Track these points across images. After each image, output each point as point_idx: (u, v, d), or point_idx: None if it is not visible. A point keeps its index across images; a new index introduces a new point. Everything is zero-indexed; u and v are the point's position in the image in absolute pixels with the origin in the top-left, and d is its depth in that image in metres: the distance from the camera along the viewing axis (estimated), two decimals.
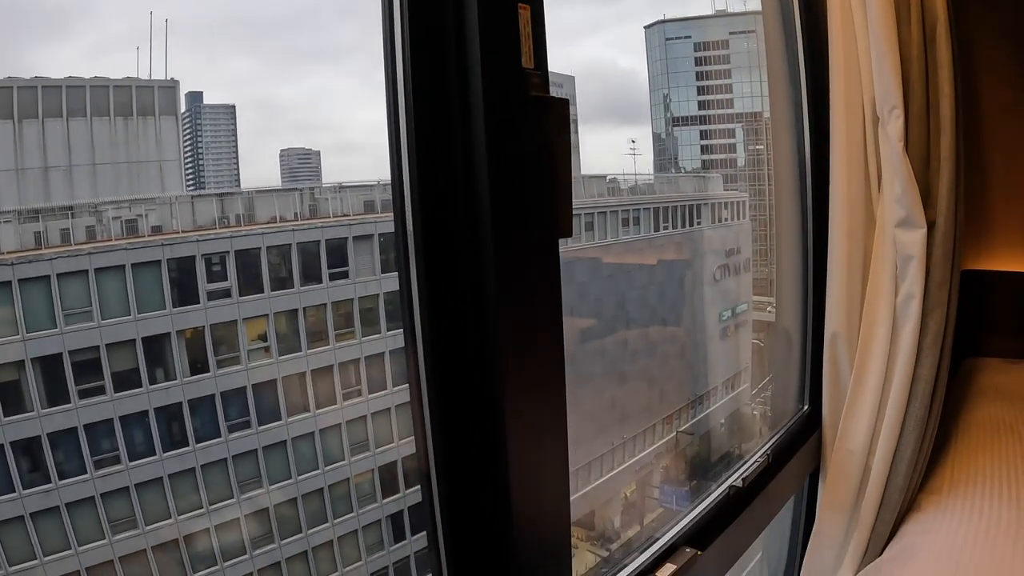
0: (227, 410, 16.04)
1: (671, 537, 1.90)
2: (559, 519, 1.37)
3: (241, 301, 15.78)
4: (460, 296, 1.26)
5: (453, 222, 1.24)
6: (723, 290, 27.09)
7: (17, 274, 13.90)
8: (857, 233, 2.77)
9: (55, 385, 14.61)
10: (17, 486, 14.41)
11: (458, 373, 1.28)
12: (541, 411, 1.32)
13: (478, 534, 1.32)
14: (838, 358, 2.79)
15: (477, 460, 1.30)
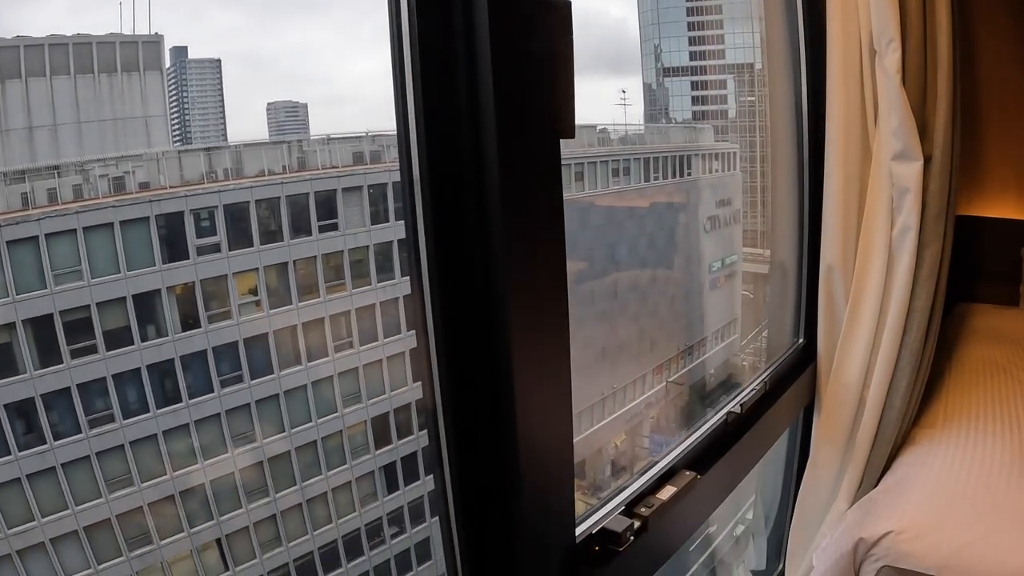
0: (219, 365, 16.05)
1: (671, 460, 1.91)
2: (563, 457, 1.38)
3: (231, 255, 15.71)
4: (467, 231, 1.24)
5: (459, 142, 1.20)
6: (713, 241, 27.07)
7: (5, 236, 13.79)
8: (853, 166, 2.75)
9: (47, 346, 14.60)
10: (12, 448, 14.44)
11: (465, 307, 1.26)
12: (545, 340, 1.31)
13: (486, 473, 1.32)
14: (833, 291, 2.78)
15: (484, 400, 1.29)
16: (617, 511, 1.64)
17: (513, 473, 1.26)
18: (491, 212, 1.14)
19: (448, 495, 1.35)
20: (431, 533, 21.50)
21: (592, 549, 1.53)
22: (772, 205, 2.99)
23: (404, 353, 19.06)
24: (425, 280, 1.26)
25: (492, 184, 1.13)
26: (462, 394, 1.28)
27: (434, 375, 1.30)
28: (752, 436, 2.25)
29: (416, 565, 21.52)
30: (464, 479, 1.31)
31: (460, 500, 1.33)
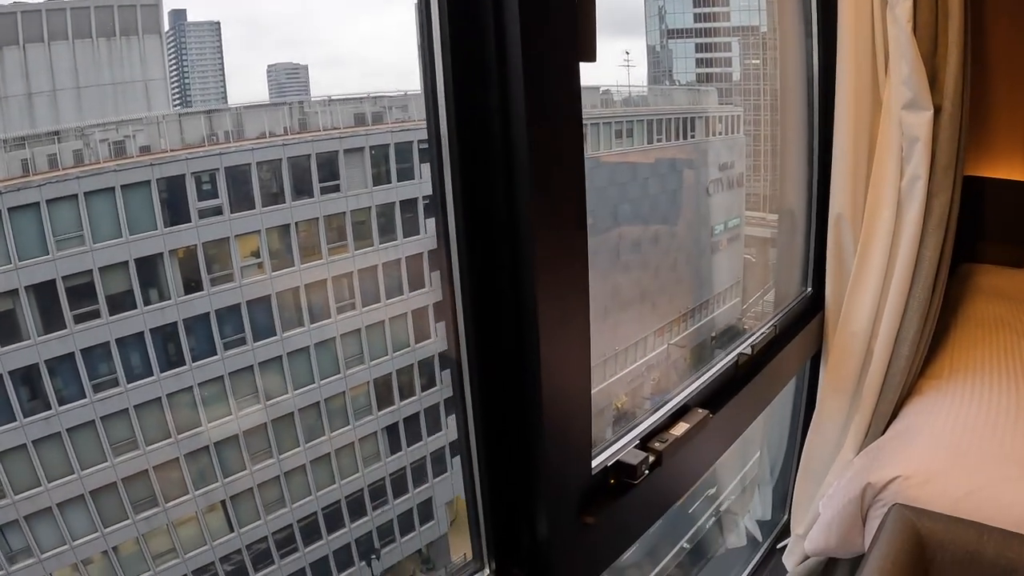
0: (222, 328, 16.11)
1: (684, 398, 1.92)
2: (582, 392, 1.39)
3: (233, 218, 15.68)
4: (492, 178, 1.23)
5: (484, 82, 1.20)
6: (716, 204, 27.02)
7: (6, 202, 13.76)
8: (863, 115, 2.74)
9: (50, 312, 14.63)
10: (17, 415, 14.51)
11: (492, 251, 1.26)
12: (567, 281, 1.32)
13: (508, 413, 1.34)
14: (842, 240, 2.78)
15: (509, 343, 1.30)
16: (632, 445, 1.65)
17: (535, 408, 1.27)
18: (516, 139, 1.14)
19: (470, 436, 1.37)
20: (433, 494, 21.70)
21: (608, 482, 1.54)
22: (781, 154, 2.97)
23: (407, 314, 19.10)
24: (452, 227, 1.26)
25: (517, 112, 1.12)
26: (486, 340, 1.29)
27: (459, 322, 1.31)
28: (761, 379, 2.26)
29: (419, 525, 21.77)
30: (488, 420, 1.32)
31: (483, 440, 1.35)
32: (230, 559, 18.30)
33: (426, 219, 18.92)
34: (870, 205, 2.77)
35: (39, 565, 14.93)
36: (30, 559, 14.87)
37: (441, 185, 1.21)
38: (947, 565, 1.77)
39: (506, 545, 1.41)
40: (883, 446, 2.68)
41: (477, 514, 1.40)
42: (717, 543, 3.60)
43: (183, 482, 16.68)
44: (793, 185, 2.92)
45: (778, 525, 3.37)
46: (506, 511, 1.39)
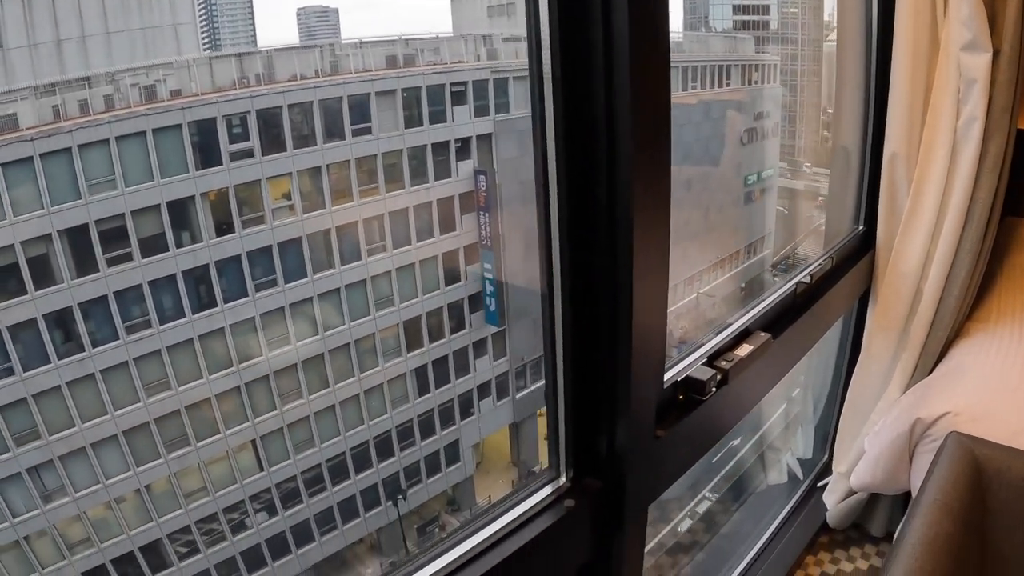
0: (253, 270, 16.21)
1: (746, 321, 1.94)
2: (660, 315, 1.42)
3: (264, 160, 15.73)
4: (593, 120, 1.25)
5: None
6: (749, 154, 26.79)
7: (38, 149, 13.89)
8: (921, 55, 2.69)
9: (83, 256, 14.80)
10: (52, 357, 14.80)
11: (591, 188, 1.29)
12: (656, 219, 1.35)
13: (594, 340, 1.38)
14: (896, 178, 2.74)
15: (601, 276, 1.33)
16: (699, 362, 1.68)
17: (626, 328, 1.30)
18: (618, 82, 1.15)
19: (557, 356, 1.40)
20: (460, 436, 21.97)
21: (677, 398, 1.58)
22: (837, 90, 2.93)
23: (437, 257, 19.17)
24: (552, 170, 1.27)
25: (621, 49, 1.13)
26: (578, 268, 1.32)
27: (554, 259, 1.34)
28: (816, 309, 2.25)
29: (445, 467, 22.09)
30: (576, 340, 1.36)
31: (569, 359, 1.38)
32: (259, 498, 18.58)
33: (458, 162, 18.87)
34: (925, 145, 2.73)
35: (73, 504, 15.35)
36: (64, 498, 15.28)
37: (542, 120, 1.22)
38: (1004, 492, 1.78)
39: (582, 457, 1.46)
40: (932, 384, 2.67)
41: (557, 427, 1.44)
42: (758, 479, 3.63)
43: (214, 422, 16.88)
44: (849, 122, 2.89)
45: (819, 464, 3.39)
46: (584, 424, 1.43)
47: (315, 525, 20.42)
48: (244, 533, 19.09)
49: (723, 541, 3.34)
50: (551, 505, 1.44)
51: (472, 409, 22.82)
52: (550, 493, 1.46)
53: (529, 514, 1.43)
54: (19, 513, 16.27)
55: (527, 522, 1.40)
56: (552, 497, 1.45)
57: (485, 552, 1.33)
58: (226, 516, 18.69)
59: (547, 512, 1.43)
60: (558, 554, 1.49)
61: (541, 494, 1.45)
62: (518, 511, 1.41)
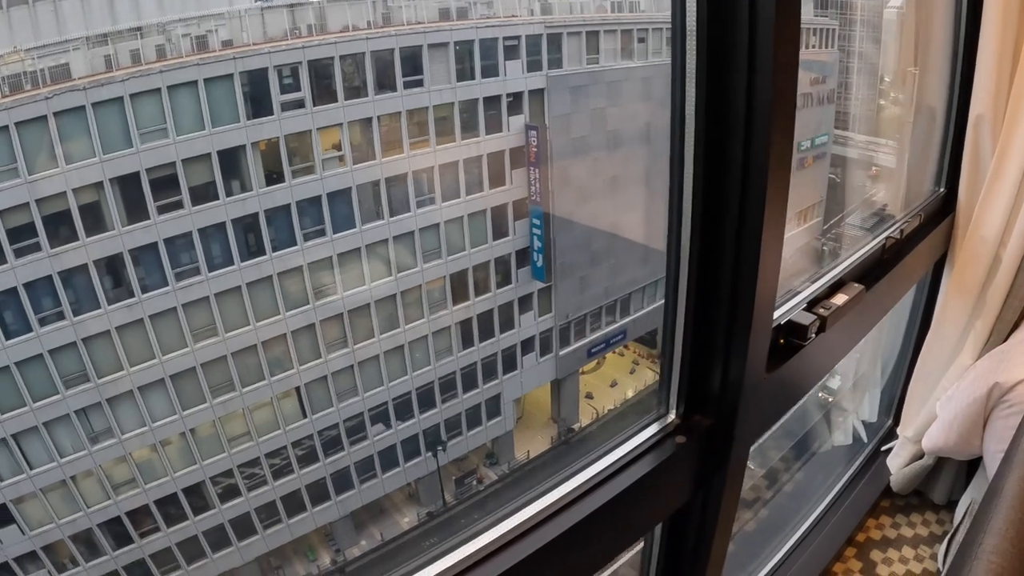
0: (302, 219, 16.32)
1: (840, 271, 1.93)
2: (774, 271, 1.44)
3: (315, 111, 15.76)
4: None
5: None
6: (804, 119, 26.40)
7: (90, 98, 14.03)
8: (1012, 17, 2.62)
9: (134, 203, 15.01)
10: (102, 302, 15.08)
11: (726, 162, 1.31)
12: (781, 183, 1.36)
13: (715, 291, 1.40)
14: (980, 141, 2.67)
15: (726, 233, 1.35)
16: (800, 307, 1.68)
17: (751, 273, 1.32)
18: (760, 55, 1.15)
19: (678, 303, 1.42)
20: (502, 390, 22.11)
21: (778, 342, 1.58)
22: (923, 49, 2.86)
23: (486, 211, 19.13)
24: (689, 124, 1.28)
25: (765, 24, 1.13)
26: (707, 223, 1.34)
27: (684, 206, 1.35)
28: (903, 265, 2.22)
29: (486, 420, 22.26)
30: (700, 285, 1.37)
31: (692, 305, 1.40)
32: (301, 444, 18.92)
33: (509, 116, 18.75)
34: (1012, 108, 2.66)
35: (119, 445, 15.71)
36: (111, 440, 15.66)
37: (682, 73, 1.23)
38: None
39: (693, 393, 1.48)
40: (1009, 350, 2.62)
41: (671, 364, 1.46)
42: (822, 439, 3.62)
43: (260, 368, 17.15)
44: (934, 83, 2.82)
45: (882, 428, 3.37)
46: (698, 362, 1.45)
47: (355, 473, 20.81)
48: (285, 478, 19.60)
49: (786, 499, 3.33)
50: (661, 442, 1.46)
51: (515, 364, 23.06)
52: (658, 430, 1.48)
53: (639, 450, 1.45)
54: (67, 453, 16.86)
55: (637, 458, 1.41)
56: (661, 434, 1.47)
57: (593, 489, 1.35)
58: (268, 461, 19.09)
59: (657, 448, 1.44)
60: (665, 493, 1.51)
61: (649, 431, 1.47)
62: (627, 448, 1.43)
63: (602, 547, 1.45)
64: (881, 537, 3.02)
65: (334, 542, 21.86)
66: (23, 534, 17.32)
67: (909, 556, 2.92)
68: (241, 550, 20.20)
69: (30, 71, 14.28)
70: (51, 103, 13.99)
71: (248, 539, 20.23)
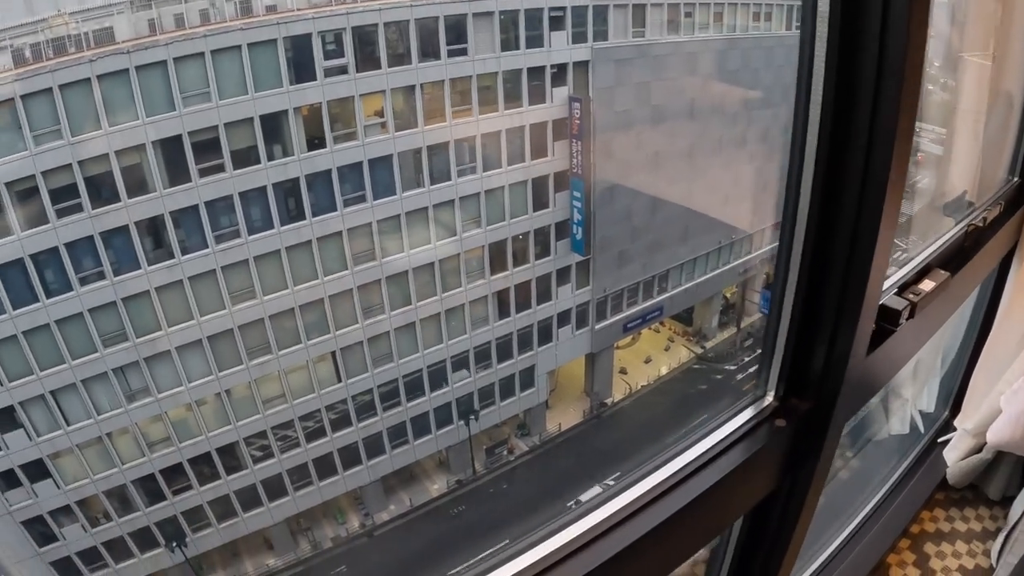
0: (343, 185, 16.38)
1: (924, 260, 1.91)
2: (885, 257, 1.43)
3: (358, 77, 15.76)
4: None
5: None
6: None
7: (134, 61, 14.12)
8: None
9: (175, 166, 15.13)
10: (142, 263, 15.26)
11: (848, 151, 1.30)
12: (898, 181, 1.36)
13: (825, 273, 1.40)
14: None
15: (844, 218, 1.35)
16: (890, 292, 1.67)
17: (865, 258, 1.32)
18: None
19: (787, 290, 1.42)
20: (536, 362, 22.18)
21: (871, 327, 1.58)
22: (1004, 33, 2.78)
23: (527, 182, 19.07)
24: (815, 102, 1.27)
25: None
26: (825, 208, 1.34)
27: (802, 190, 1.35)
28: (983, 253, 2.18)
29: (519, 391, 22.36)
30: (812, 267, 1.37)
31: (802, 293, 1.40)
32: (335, 408, 19.16)
33: (553, 88, 18.61)
34: None
35: (155, 404, 15.94)
36: (147, 398, 15.89)
37: (808, 83, 1.23)
38: None
39: (792, 378, 1.48)
40: None
41: (772, 348, 1.47)
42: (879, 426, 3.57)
43: (297, 332, 17.32)
44: (1013, 68, 2.74)
45: (939, 419, 3.32)
46: (801, 347, 1.45)
47: (387, 438, 21.02)
48: (318, 441, 19.78)
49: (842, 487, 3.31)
50: (757, 427, 1.46)
51: (550, 336, 23.04)
52: (755, 414, 1.47)
53: (735, 436, 1.43)
54: (103, 411, 17.18)
55: (733, 444, 1.42)
56: (759, 418, 1.48)
57: (688, 478, 1.36)
58: (301, 424, 19.31)
59: (754, 434, 1.45)
60: (760, 479, 1.51)
61: (744, 415, 1.47)
62: (722, 433, 1.44)
63: (691, 539, 1.48)
64: (935, 530, 3.00)
65: (363, 506, 22.12)
66: (58, 488, 17.57)
67: (962, 551, 2.90)
68: (272, 510, 20.50)
69: (74, 34, 14.42)
70: (95, 66, 14.12)
71: (279, 500, 20.52)
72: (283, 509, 20.67)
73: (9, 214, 14.24)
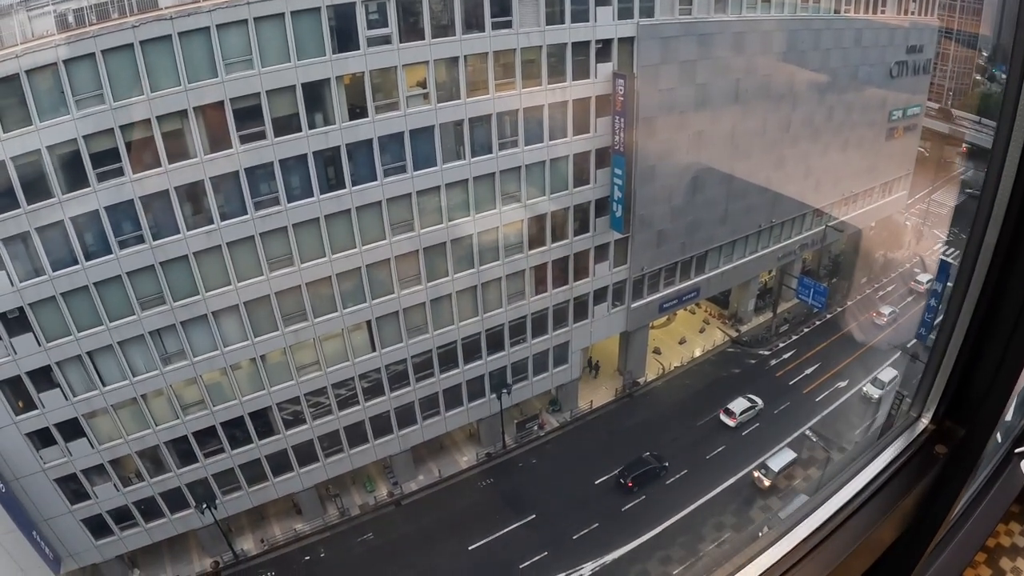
0: (383, 155, 16.43)
1: None
2: None
3: (401, 48, 15.76)
4: None
5: None
6: (898, 88, 25.67)
7: (177, 27, 14.19)
8: None
9: (217, 132, 15.22)
10: (181, 228, 15.43)
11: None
12: None
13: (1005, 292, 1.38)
14: None
15: None
16: None
17: None
18: None
19: (962, 310, 1.38)
20: (571, 338, 22.20)
21: None
22: None
23: (568, 157, 19.07)
24: None
25: None
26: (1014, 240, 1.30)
27: (995, 209, 1.32)
28: None
29: (552, 367, 22.39)
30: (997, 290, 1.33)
31: (980, 311, 1.36)
32: (368, 376, 19.35)
33: (597, 64, 18.49)
34: None
35: (190, 367, 16.10)
36: (183, 361, 16.05)
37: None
38: None
39: (947, 402, 1.45)
40: None
41: (935, 372, 1.44)
42: None
43: (333, 300, 17.52)
44: None
45: (1017, 428, 3.20)
46: (963, 373, 1.42)
47: (419, 409, 21.34)
48: (350, 409, 20.19)
49: None
50: (918, 453, 1.43)
51: (586, 313, 23.13)
52: (911, 441, 1.46)
53: (895, 466, 1.39)
54: (139, 373, 17.66)
55: (893, 476, 1.39)
56: (915, 446, 1.45)
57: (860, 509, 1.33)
58: (334, 391, 19.52)
59: (913, 463, 1.42)
60: (913, 507, 1.48)
61: (900, 443, 1.46)
62: (880, 462, 1.40)
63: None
64: (1011, 544, 2.92)
65: (392, 475, 22.70)
66: (92, 448, 18.34)
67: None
68: (302, 476, 21.11)
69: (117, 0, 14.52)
70: (138, 32, 14.30)
71: (309, 466, 21.07)
72: (313, 475, 21.19)
73: (51, 178, 14.59)
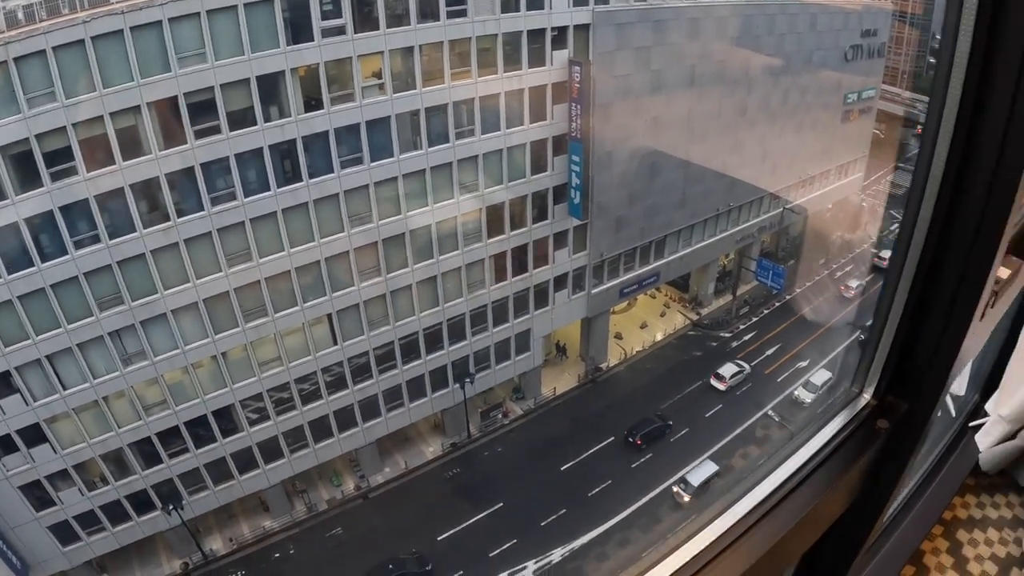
0: (340, 147, 16.32)
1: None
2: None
3: (356, 38, 15.65)
4: None
5: None
6: (853, 71, 25.99)
7: (128, 22, 13.97)
8: None
9: (171, 127, 15.03)
10: (137, 225, 15.22)
11: None
12: None
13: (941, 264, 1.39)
14: None
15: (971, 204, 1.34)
16: None
17: (989, 248, 1.30)
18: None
19: (897, 292, 1.40)
20: (532, 326, 22.24)
21: None
22: None
23: (525, 145, 19.06)
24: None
25: None
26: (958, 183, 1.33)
27: (929, 183, 1.33)
28: None
29: (514, 355, 22.45)
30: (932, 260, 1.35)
31: (915, 291, 1.38)
32: (331, 370, 19.26)
33: (553, 51, 18.52)
34: None
35: (151, 367, 15.94)
36: (143, 362, 15.87)
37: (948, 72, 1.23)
38: None
39: (888, 377, 1.47)
40: None
41: (875, 347, 1.46)
42: None
43: (293, 294, 17.37)
44: None
45: (970, 403, 3.24)
46: (903, 348, 1.44)
47: (383, 401, 21.21)
48: (314, 403, 19.99)
49: None
50: (856, 430, 1.43)
51: (547, 300, 23.09)
52: (852, 416, 1.46)
53: (835, 441, 1.38)
54: (100, 375, 17.28)
55: (835, 451, 1.38)
56: (856, 421, 1.45)
57: (804, 481, 1.32)
58: (297, 386, 19.44)
59: (854, 438, 1.42)
60: (850, 489, 1.47)
61: (842, 418, 1.46)
62: (821, 438, 1.39)
63: (790, 550, 1.44)
64: (967, 517, 2.98)
65: (359, 468, 22.51)
66: (55, 453, 17.82)
67: (994, 539, 2.88)
68: (268, 473, 20.80)
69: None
70: (89, 27, 13.98)
71: (275, 462, 20.77)
72: (279, 472, 20.93)
73: (3, 179, 14.23)
